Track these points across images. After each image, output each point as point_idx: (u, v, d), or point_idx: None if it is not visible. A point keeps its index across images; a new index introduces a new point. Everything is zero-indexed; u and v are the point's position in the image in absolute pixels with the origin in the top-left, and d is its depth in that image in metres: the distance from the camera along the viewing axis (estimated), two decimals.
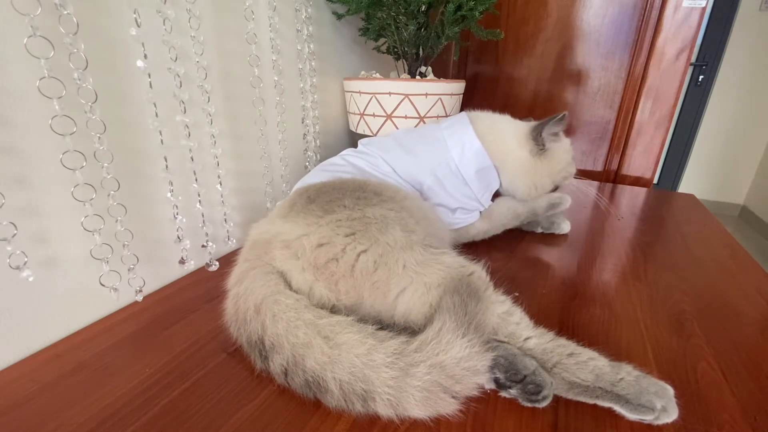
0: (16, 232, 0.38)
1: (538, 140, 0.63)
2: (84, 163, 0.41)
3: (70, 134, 0.40)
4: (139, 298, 0.51)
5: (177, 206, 0.54)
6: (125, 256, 0.48)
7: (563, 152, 0.66)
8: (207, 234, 0.58)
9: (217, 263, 0.59)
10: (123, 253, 0.48)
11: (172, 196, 0.53)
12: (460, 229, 0.64)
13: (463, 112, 0.68)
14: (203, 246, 0.58)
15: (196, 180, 0.55)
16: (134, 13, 0.45)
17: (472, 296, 0.36)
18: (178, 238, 0.55)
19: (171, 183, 0.53)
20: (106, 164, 0.44)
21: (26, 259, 0.39)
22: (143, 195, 0.51)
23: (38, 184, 0.40)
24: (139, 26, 0.45)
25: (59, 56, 0.38)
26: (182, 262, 0.57)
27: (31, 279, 0.39)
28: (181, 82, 0.50)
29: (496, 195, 0.69)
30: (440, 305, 0.36)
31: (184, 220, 0.55)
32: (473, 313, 0.34)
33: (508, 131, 0.65)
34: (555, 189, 0.70)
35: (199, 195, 0.56)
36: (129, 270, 0.49)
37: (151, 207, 0.52)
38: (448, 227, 0.61)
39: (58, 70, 0.38)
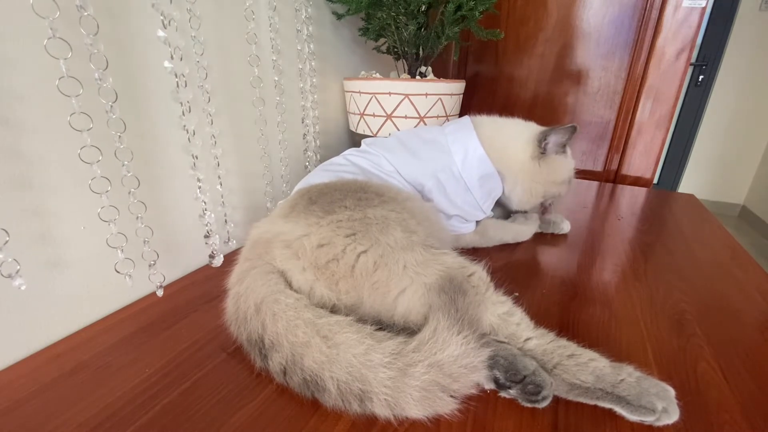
0: (8, 239, 0.37)
1: (541, 144, 0.63)
2: (100, 158, 0.42)
3: (88, 130, 0.40)
4: (160, 293, 0.51)
5: (205, 202, 0.56)
6: (146, 252, 0.49)
7: (563, 167, 0.66)
8: (211, 231, 0.58)
9: (222, 257, 0.60)
10: (144, 249, 0.48)
11: (200, 193, 0.55)
12: (452, 235, 0.64)
13: (466, 116, 0.68)
14: (206, 237, 0.59)
15: (200, 179, 0.55)
16: (161, 15, 0.46)
17: (458, 291, 0.36)
18: (208, 233, 0.57)
19: (199, 180, 0.54)
20: (126, 162, 0.44)
21: (19, 267, 0.38)
22: (154, 193, 0.51)
23: (41, 186, 0.40)
24: (165, 28, 0.46)
25: (78, 58, 0.38)
26: (212, 256, 0.59)
27: (23, 287, 0.39)
28: (186, 82, 0.51)
29: (497, 204, 0.69)
30: (432, 305, 0.36)
31: (212, 215, 0.57)
32: (463, 308, 0.34)
33: (516, 134, 0.65)
34: (542, 207, 0.70)
35: (203, 192, 0.57)
36: (150, 266, 0.49)
37: (159, 206, 0.52)
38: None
39: (78, 71, 0.38)
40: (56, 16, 0.36)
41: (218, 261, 0.59)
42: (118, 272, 0.46)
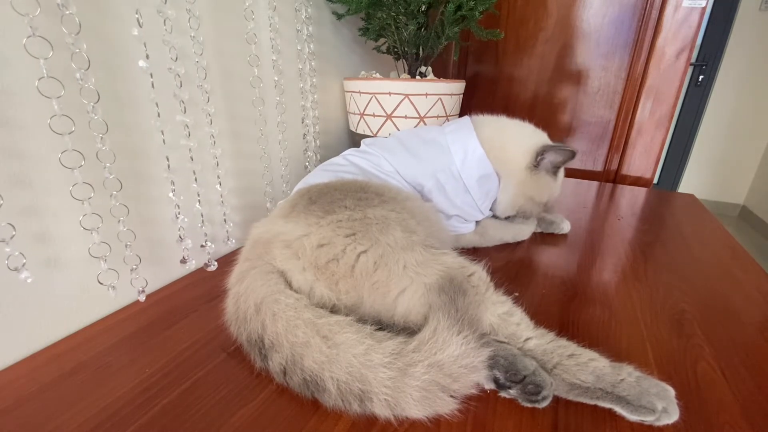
0: (14, 233, 0.38)
1: (537, 157, 0.62)
2: (83, 162, 0.41)
3: (69, 133, 0.40)
4: (142, 298, 0.51)
5: (179, 206, 0.54)
6: (128, 257, 0.48)
7: (548, 189, 0.65)
8: (206, 234, 0.58)
9: (216, 263, 0.59)
10: (126, 253, 0.48)
11: (174, 195, 0.53)
12: (452, 235, 0.63)
13: (466, 116, 0.67)
14: (202, 246, 0.58)
15: (196, 180, 0.55)
16: (136, 13, 0.45)
17: (458, 291, 0.36)
18: (180, 237, 0.56)
19: (173, 183, 0.53)
20: (108, 164, 0.44)
21: (25, 261, 0.39)
22: (143, 195, 0.51)
23: (38, 184, 0.40)
24: (141, 26, 0.45)
25: (60, 56, 0.38)
26: (183, 261, 0.57)
27: (29, 280, 0.39)
28: (181, 82, 0.50)
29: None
30: (432, 305, 0.36)
31: (186, 219, 0.55)
32: (463, 308, 0.34)
33: (518, 139, 0.64)
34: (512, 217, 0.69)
35: (198, 195, 0.56)
36: (132, 270, 0.49)
37: (150, 207, 0.52)
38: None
39: (59, 71, 0.38)
40: (37, 13, 0.35)
41: (191, 265, 0.58)
42: (101, 283, 0.45)
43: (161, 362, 0.40)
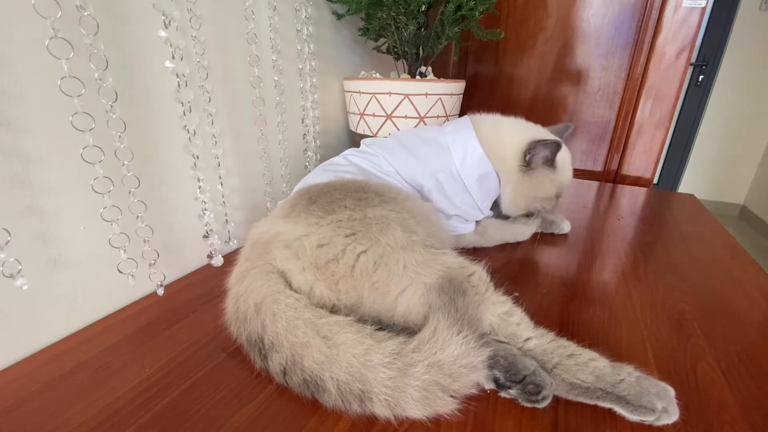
0: (9, 239, 0.37)
1: (526, 157, 0.60)
2: (102, 157, 0.42)
3: (90, 130, 0.40)
4: (161, 292, 0.52)
5: (205, 201, 0.56)
6: (146, 252, 0.49)
7: (548, 183, 0.62)
8: (211, 230, 0.59)
9: (222, 258, 0.60)
10: (144, 248, 0.49)
11: (200, 192, 0.55)
12: (452, 235, 0.63)
13: (466, 116, 0.67)
14: (204, 237, 0.59)
15: (200, 179, 0.56)
16: (162, 15, 0.46)
17: (458, 291, 0.36)
18: (207, 233, 0.57)
19: (199, 180, 0.54)
20: (126, 162, 0.44)
21: (20, 267, 0.38)
22: (154, 193, 0.51)
23: (40, 185, 0.40)
24: (167, 27, 0.47)
25: (78, 58, 0.39)
26: (210, 256, 0.59)
27: (25, 288, 0.39)
28: (186, 82, 0.51)
29: (496, 204, 0.68)
30: (432, 305, 0.36)
31: (212, 215, 0.57)
32: (463, 308, 0.34)
33: (511, 138, 0.62)
34: (529, 215, 0.68)
35: (203, 192, 0.57)
36: (150, 265, 0.50)
37: (160, 205, 0.52)
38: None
39: (78, 71, 0.38)
40: (58, 15, 0.36)
41: (216, 261, 0.59)
42: (120, 272, 0.46)
43: (161, 362, 0.40)
